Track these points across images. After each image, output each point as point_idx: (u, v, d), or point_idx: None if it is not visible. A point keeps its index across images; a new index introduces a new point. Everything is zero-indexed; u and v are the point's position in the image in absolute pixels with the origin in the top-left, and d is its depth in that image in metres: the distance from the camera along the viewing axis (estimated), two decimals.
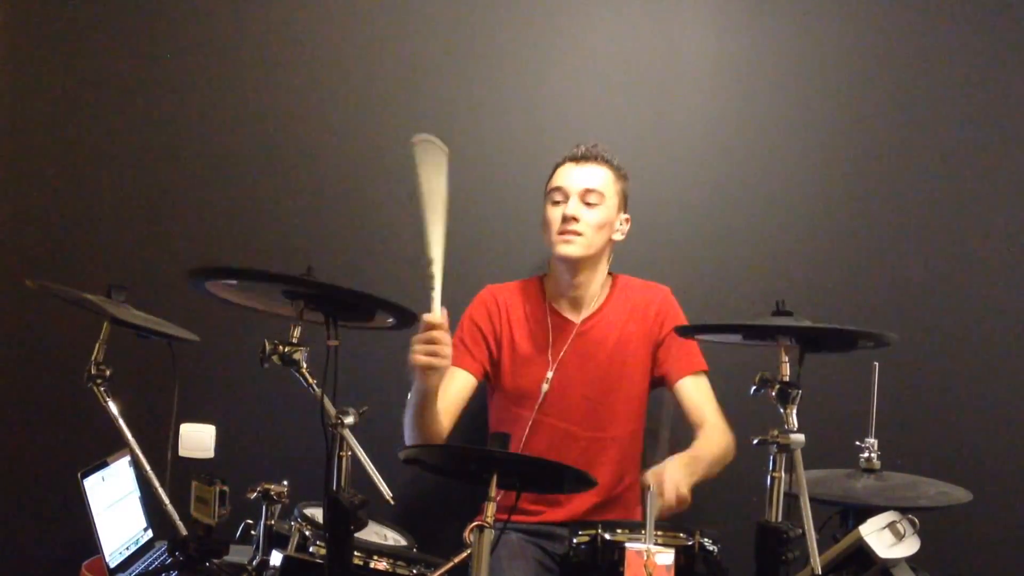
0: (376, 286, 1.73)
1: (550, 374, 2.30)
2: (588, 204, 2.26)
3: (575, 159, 2.31)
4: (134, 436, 1.81)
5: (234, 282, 1.78)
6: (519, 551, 2.17)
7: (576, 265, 2.30)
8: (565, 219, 2.25)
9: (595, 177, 2.28)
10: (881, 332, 1.75)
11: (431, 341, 1.94)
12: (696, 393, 2.29)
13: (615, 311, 2.35)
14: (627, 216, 2.35)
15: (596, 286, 2.35)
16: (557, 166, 2.35)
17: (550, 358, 2.31)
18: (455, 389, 2.28)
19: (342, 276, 1.68)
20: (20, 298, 2.64)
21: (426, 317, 1.93)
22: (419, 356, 1.94)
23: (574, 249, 2.26)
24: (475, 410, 2.50)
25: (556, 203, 2.29)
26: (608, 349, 2.32)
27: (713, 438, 2.20)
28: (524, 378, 2.31)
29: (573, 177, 2.28)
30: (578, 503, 2.27)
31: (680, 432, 2.33)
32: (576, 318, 2.35)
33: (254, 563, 1.83)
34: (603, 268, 2.36)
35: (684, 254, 2.68)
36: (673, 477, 1.92)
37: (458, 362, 2.27)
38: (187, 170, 2.71)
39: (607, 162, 2.31)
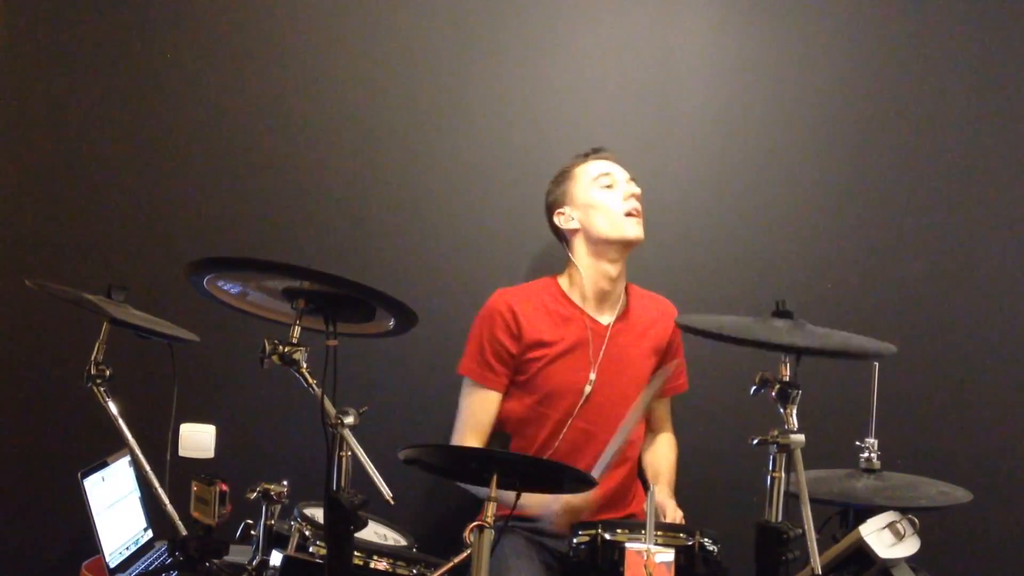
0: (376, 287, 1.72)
1: (593, 375, 2.28)
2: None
3: (605, 153, 2.37)
4: (134, 436, 1.81)
5: (235, 287, 1.78)
6: (523, 550, 2.17)
7: (629, 252, 2.32)
8: (635, 196, 2.29)
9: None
10: (879, 350, 1.75)
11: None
12: (665, 412, 2.48)
13: (636, 317, 2.36)
14: None
15: (623, 287, 2.37)
16: (580, 163, 2.36)
17: (591, 359, 2.29)
18: (491, 410, 2.31)
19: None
20: (20, 298, 2.64)
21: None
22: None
23: (641, 229, 2.29)
24: None
25: (607, 187, 2.30)
26: (632, 353, 2.33)
27: (669, 451, 2.44)
28: (564, 379, 2.28)
29: (616, 165, 2.34)
30: None
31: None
32: (605, 320, 2.33)
33: (254, 563, 1.83)
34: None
35: (684, 255, 2.68)
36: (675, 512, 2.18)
37: (486, 382, 2.30)
38: (187, 170, 2.71)
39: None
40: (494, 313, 2.29)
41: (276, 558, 1.83)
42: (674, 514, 2.18)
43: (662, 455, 2.42)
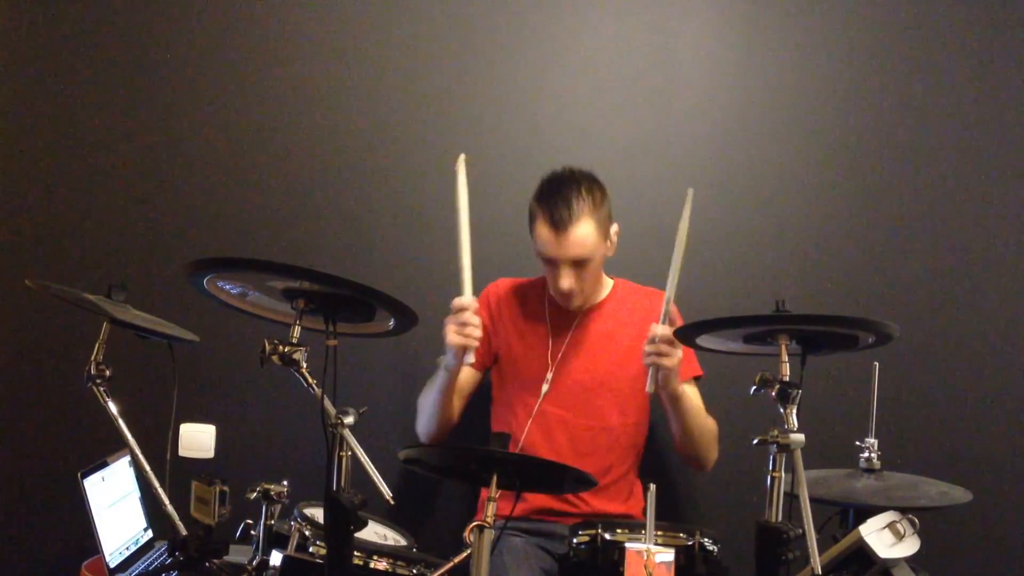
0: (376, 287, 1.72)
1: (550, 374, 2.33)
2: (578, 266, 2.24)
3: (554, 226, 2.20)
4: (134, 436, 1.81)
5: (235, 287, 1.78)
6: (523, 557, 2.17)
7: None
8: (562, 292, 2.26)
9: (579, 246, 2.21)
10: (881, 321, 1.75)
11: (462, 322, 2.17)
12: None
13: (614, 308, 2.40)
14: (615, 229, 2.31)
15: (593, 289, 2.38)
16: (536, 216, 2.25)
17: (551, 347, 2.35)
18: (462, 378, 2.39)
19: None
20: (20, 298, 2.64)
21: (456, 300, 2.18)
22: (453, 335, 2.17)
23: (575, 303, 2.32)
24: (474, 410, 2.50)
25: (547, 265, 2.27)
26: (605, 342, 2.35)
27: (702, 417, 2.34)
28: (528, 367, 2.35)
29: (558, 250, 2.21)
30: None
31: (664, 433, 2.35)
32: (576, 310, 2.38)
33: (254, 563, 1.83)
34: (598, 276, 2.38)
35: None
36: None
37: None
38: (187, 170, 2.71)
39: (586, 213, 2.20)
40: (482, 295, 2.42)
41: (276, 558, 1.83)
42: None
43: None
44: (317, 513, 1.93)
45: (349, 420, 1.60)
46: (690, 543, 1.80)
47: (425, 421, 2.36)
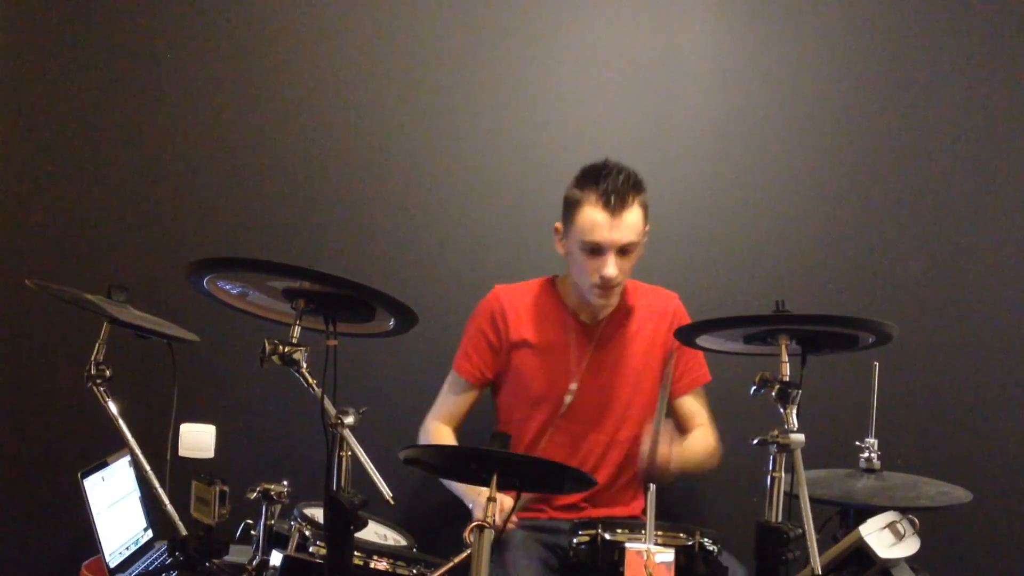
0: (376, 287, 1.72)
1: (574, 385, 2.28)
2: (624, 254, 2.16)
3: (609, 207, 2.09)
4: (134, 436, 1.81)
5: (235, 288, 1.79)
6: (523, 548, 2.17)
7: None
8: (605, 279, 2.15)
9: (631, 229, 2.13)
10: (881, 321, 1.76)
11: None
12: (693, 406, 2.38)
13: (630, 316, 2.33)
14: (647, 228, 2.23)
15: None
16: (581, 201, 2.13)
17: (573, 365, 2.28)
18: (459, 399, 2.35)
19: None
20: (20, 298, 2.64)
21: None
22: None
23: (611, 301, 2.24)
24: (476, 411, 2.50)
25: (591, 254, 2.15)
26: (626, 355, 2.30)
27: (700, 439, 2.31)
28: (547, 383, 2.29)
29: (610, 233, 2.11)
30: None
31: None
32: (594, 322, 2.31)
33: (254, 563, 1.83)
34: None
35: (684, 255, 2.68)
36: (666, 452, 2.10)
37: (461, 371, 2.34)
38: (188, 170, 2.71)
39: (638, 198, 2.13)
40: (485, 308, 2.34)
41: (276, 558, 1.83)
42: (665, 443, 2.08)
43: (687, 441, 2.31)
44: (317, 513, 1.93)
45: (349, 420, 1.60)
46: (690, 543, 1.80)
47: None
